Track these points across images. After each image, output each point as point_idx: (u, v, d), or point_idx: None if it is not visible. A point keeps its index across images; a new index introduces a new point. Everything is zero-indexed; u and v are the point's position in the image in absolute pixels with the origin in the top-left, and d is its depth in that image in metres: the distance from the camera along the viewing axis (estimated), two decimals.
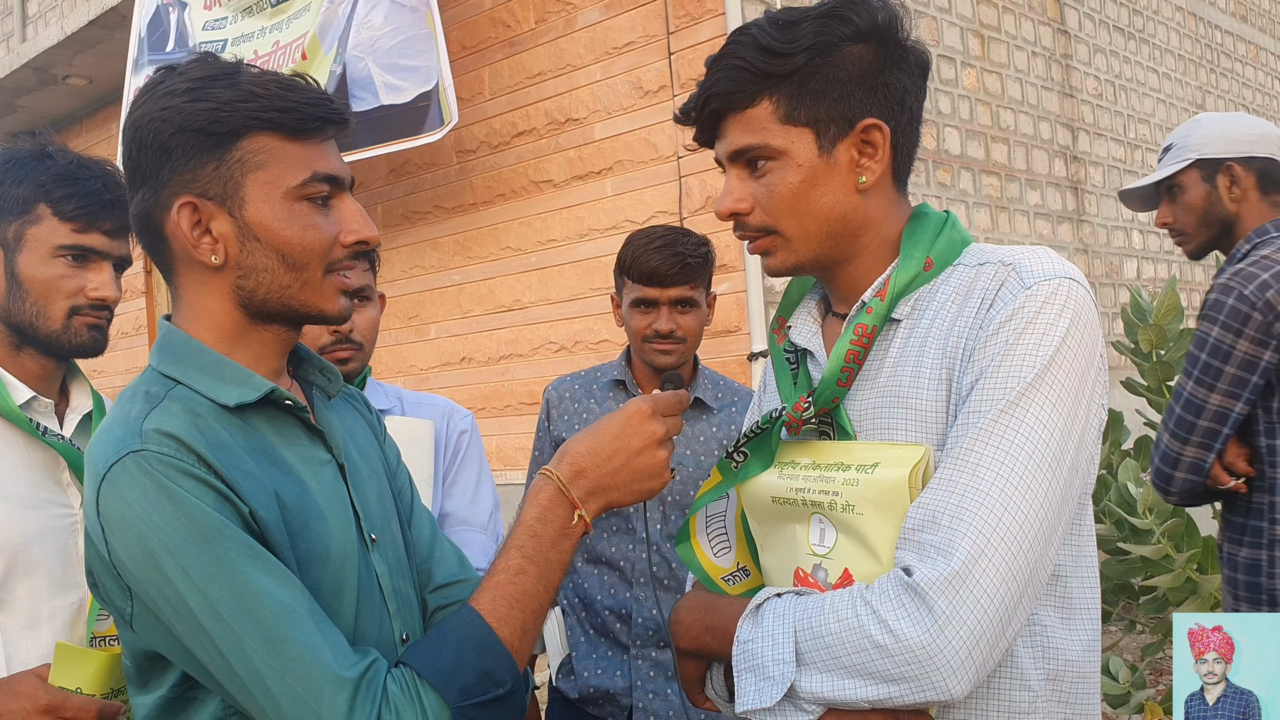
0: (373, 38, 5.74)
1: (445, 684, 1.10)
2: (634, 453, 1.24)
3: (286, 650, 1.05)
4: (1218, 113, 2.51)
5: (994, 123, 6.75)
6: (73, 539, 1.75)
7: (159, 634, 1.11)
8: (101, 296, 1.75)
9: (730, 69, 1.27)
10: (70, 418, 1.83)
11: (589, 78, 5.81)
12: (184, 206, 1.18)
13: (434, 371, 6.66)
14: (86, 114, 9.46)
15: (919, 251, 1.29)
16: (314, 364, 1.36)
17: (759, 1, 5.26)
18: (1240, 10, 10.32)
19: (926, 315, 1.27)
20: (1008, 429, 1.14)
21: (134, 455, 1.08)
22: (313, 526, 1.17)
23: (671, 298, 2.39)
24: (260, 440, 1.19)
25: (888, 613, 1.11)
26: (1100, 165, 7.81)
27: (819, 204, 1.28)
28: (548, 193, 6.03)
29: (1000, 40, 6.91)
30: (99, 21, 7.84)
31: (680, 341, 2.43)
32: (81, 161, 1.78)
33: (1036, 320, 1.17)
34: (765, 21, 1.27)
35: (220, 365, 1.20)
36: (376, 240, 1.25)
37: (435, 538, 1.42)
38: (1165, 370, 3.48)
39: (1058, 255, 1.25)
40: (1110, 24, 8.13)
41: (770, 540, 1.37)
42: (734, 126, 1.29)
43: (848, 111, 1.26)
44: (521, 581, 1.17)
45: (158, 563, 1.06)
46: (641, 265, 2.39)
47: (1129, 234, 8.09)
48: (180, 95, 1.16)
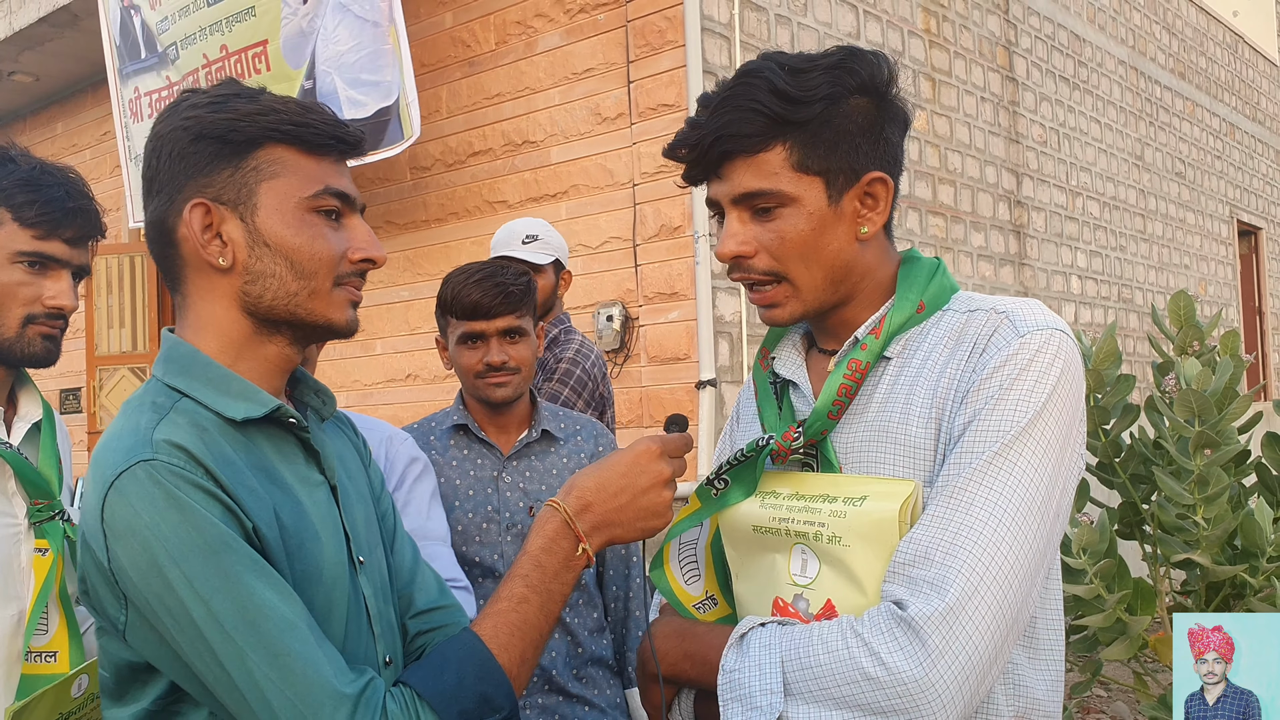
0: (338, 53, 5.71)
1: (445, 706, 1.11)
2: (640, 491, 1.26)
3: (288, 664, 1.06)
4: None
5: (942, 165, 6.89)
6: (14, 549, 1.71)
7: (153, 644, 1.11)
8: (59, 305, 1.73)
9: (745, 111, 1.26)
10: (18, 426, 1.79)
11: (548, 101, 5.83)
12: (196, 207, 1.19)
13: (378, 388, 6.61)
14: (31, 111, 9.28)
15: (913, 294, 1.33)
16: (309, 385, 1.36)
17: (719, 35, 5.33)
18: (1179, 68, 10.67)
19: (917, 356, 1.30)
20: (1000, 472, 1.17)
21: (144, 464, 1.08)
22: (308, 547, 1.18)
23: (499, 329, 2.34)
24: (261, 457, 1.19)
25: (880, 645, 1.12)
26: (1043, 210, 8.00)
27: (826, 252, 1.30)
28: (502, 213, 6.03)
29: (950, 84, 7.07)
30: (49, 19, 7.71)
31: (514, 372, 2.37)
32: (45, 168, 1.76)
33: (1029, 368, 1.20)
34: (777, 66, 1.27)
35: (227, 379, 1.20)
36: (383, 260, 1.27)
37: (417, 563, 1.43)
38: (1102, 414, 3.57)
39: (1046, 308, 1.29)
40: (1056, 74, 8.36)
41: (747, 569, 1.38)
42: (742, 169, 1.29)
43: (855, 163, 1.28)
44: (524, 610, 1.19)
45: (162, 572, 1.06)
46: (463, 300, 2.33)
47: (1068, 278, 8.29)
48: (202, 108, 1.20)
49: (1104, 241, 8.91)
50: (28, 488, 1.73)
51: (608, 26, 5.58)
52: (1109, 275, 8.94)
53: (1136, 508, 3.62)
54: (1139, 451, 3.65)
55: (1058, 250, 8.14)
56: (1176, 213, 10.29)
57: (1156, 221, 9.88)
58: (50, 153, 8.50)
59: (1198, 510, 3.06)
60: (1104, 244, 8.90)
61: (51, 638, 1.74)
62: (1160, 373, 3.66)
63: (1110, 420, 3.68)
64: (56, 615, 1.74)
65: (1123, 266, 9.20)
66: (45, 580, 1.71)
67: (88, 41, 7.67)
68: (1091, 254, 8.67)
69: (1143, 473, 3.62)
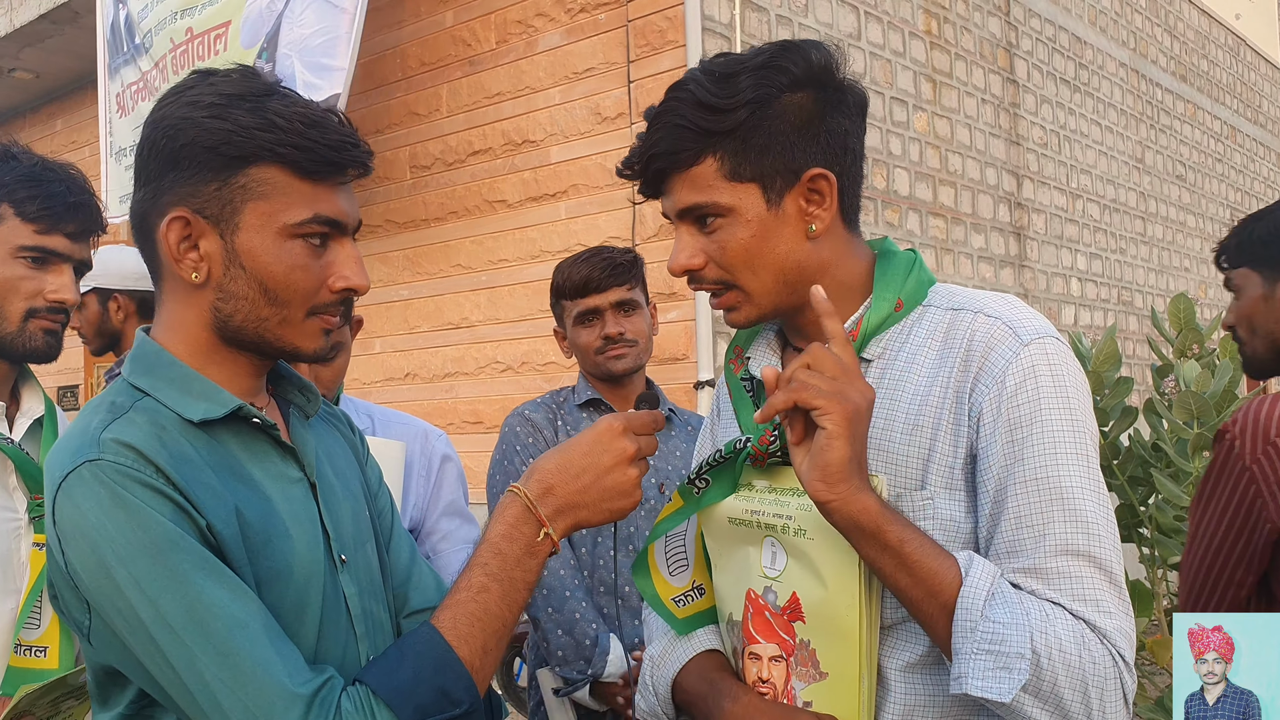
0: (302, 36, 5.65)
1: (400, 702, 1.08)
2: (604, 470, 1.21)
3: (238, 664, 1.03)
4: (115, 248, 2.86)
5: (942, 166, 6.90)
6: (14, 543, 1.72)
7: (115, 649, 1.09)
8: (61, 299, 1.73)
9: (671, 128, 1.25)
10: (20, 422, 1.80)
11: (548, 100, 5.83)
12: (174, 220, 1.16)
13: (377, 386, 6.61)
14: (31, 108, 9.28)
15: (890, 293, 1.31)
16: (293, 382, 1.34)
17: (719, 35, 5.33)
18: (1180, 70, 10.67)
19: (900, 358, 1.29)
20: (1070, 493, 1.18)
21: (89, 464, 1.06)
22: (276, 544, 1.15)
23: (611, 301, 2.39)
24: (226, 456, 1.17)
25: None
26: (1043, 212, 8.01)
27: (771, 256, 1.28)
28: (501, 213, 6.04)
29: (951, 86, 7.07)
30: (49, 16, 7.72)
31: (631, 344, 2.41)
32: (46, 164, 1.76)
33: (1052, 383, 1.21)
34: (701, 74, 1.25)
35: (189, 379, 1.17)
36: (365, 289, 1.22)
37: (414, 562, 1.40)
38: (1101, 417, 3.58)
39: (1029, 306, 1.29)
40: (1057, 76, 8.36)
41: (724, 560, 1.38)
42: (679, 185, 1.28)
43: (792, 163, 1.26)
44: (484, 600, 1.15)
45: (110, 573, 1.04)
46: (574, 278, 2.40)
47: (1068, 281, 8.29)
48: (202, 108, 1.14)
49: (1104, 244, 8.91)
50: (29, 483, 1.73)
51: (608, 26, 5.58)
52: (1109, 278, 8.94)
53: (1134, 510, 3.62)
54: (1137, 454, 3.65)
55: (1058, 252, 8.15)
56: (1177, 216, 10.30)
57: (1157, 224, 9.89)
58: (50, 149, 8.49)
59: None
60: (1104, 246, 8.91)
61: (43, 632, 1.74)
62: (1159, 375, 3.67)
63: (1109, 422, 3.69)
64: (49, 610, 1.74)
65: (1123, 269, 9.20)
66: (40, 574, 1.72)
67: (88, 38, 7.67)
68: (1091, 256, 8.68)
69: (1140, 475, 3.62)
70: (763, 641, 1.31)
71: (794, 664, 1.28)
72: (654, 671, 1.47)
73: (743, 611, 1.35)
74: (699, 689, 1.39)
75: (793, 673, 1.28)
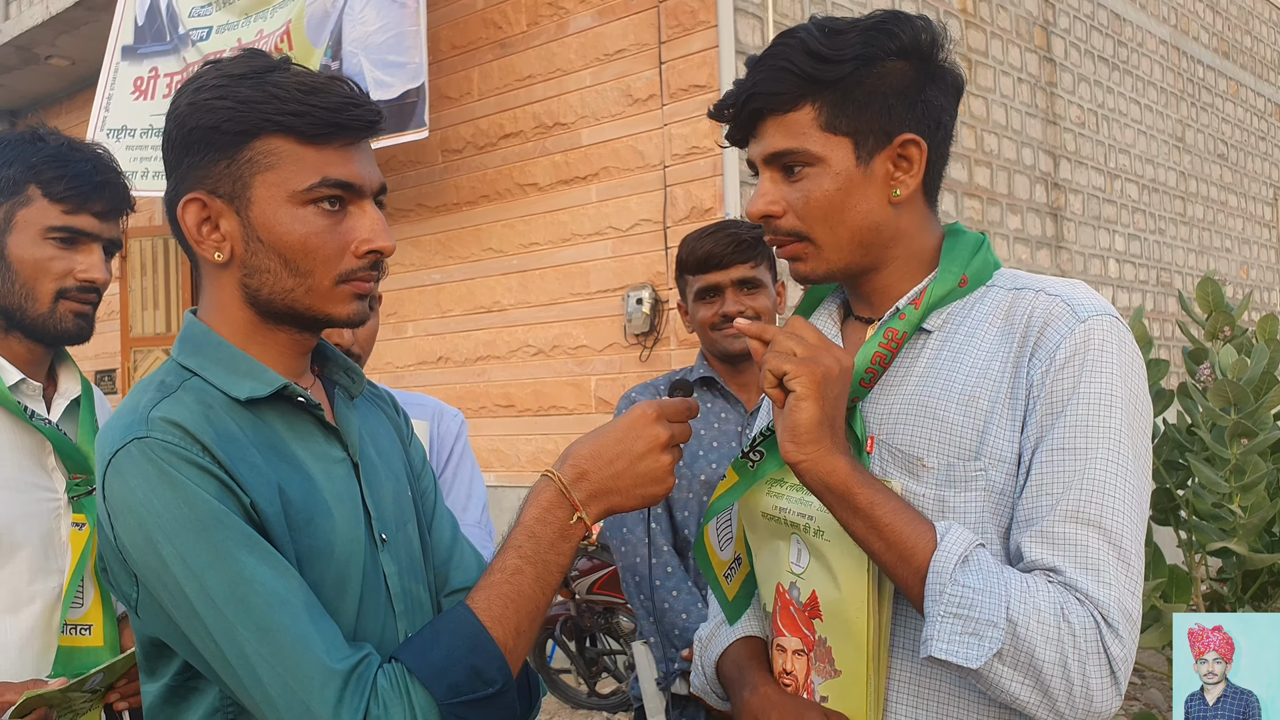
0: (365, 33, 5.75)
1: (434, 680, 1.09)
2: (637, 456, 1.22)
3: (277, 640, 1.05)
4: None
5: (978, 146, 6.82)
6: (55, 523, 1.74)
7: (160, 621, 1.12)
8: (91, 278, 1.75)
9: (776, 70, 1.27)
10: (58, 402, 1.82)
11: (579, 83, 5.82)
12: (190, 203, 1.19)
13: (410, 370, 6.64)
14: (67, 95, 9.38)
15: (956, 267, 1.31)
16: (338, 364, 1.36)
17: (752, 15, 5.30)
18: (1223, 47, 10.48)
19: (961, 331, 1.29)
20: (1107, 465, 1.17)
21: (138, 442, 1.09)
22: (318, 522, 1.17)
23: (733, 279, 2.32)
24: (271, 435, 1.19)
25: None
26: (1080, 193, 7.91)
27: (852, 213, 1.29)
28: (532, 196, 6.04)
29: (987, 65, 6.99)
30: (85, 3, 7.78)
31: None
32: (72, 144, 1.78)
33: (1102, 357, 1.20)
34: (814, 26, 1.28)
35: (235, 359, 1.20)
36: (391, 249, 1.23)
37: (456, 542, 1.42)
38: None
39: (1094, 290, 1.28)
40: (1095, 54, 8.24)
41: (760, 551, 1.41)
42: (773, 128, 1.29)
43: (887, 125, 1.27)
44: (518, 582, 1.17)
45: (157, 548, 1.07)
46: (698, 253, 2.34)
47: (1106, 262, 8.19)
48: (207, 91, 1.17)
49: (1143, 225, 8.79)
50: (67, 463, 1.75)
51: (639, 7, 5.56)
52: (1148, 259, 8.83)
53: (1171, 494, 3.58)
54: (1172, 438, 3.61)
55: (1095, 233, 8.04)
56: (1218, 195, 10.14)
57: (1197, 204, 9.74)
58: (85, 137, 8.59)
59: (1234, 499, 3.02)
60: (1143, 227, 8.79)
61: (86, 611, 1.77)
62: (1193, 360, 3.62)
63: None
64: (92, 589, 1.77)
65: (1162, 250, 9.08)
66: (81, 554, 1.74)
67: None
68: (1130, 237, 8.57)
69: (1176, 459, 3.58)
70: (788, 635, 1.34)
71: (814, 659, 1.31)
72: (702, 653, 1.53)
73: (773, 604, 1.38)
74: (731, 675, 1.45)
75: (813, 667, 1.31)
